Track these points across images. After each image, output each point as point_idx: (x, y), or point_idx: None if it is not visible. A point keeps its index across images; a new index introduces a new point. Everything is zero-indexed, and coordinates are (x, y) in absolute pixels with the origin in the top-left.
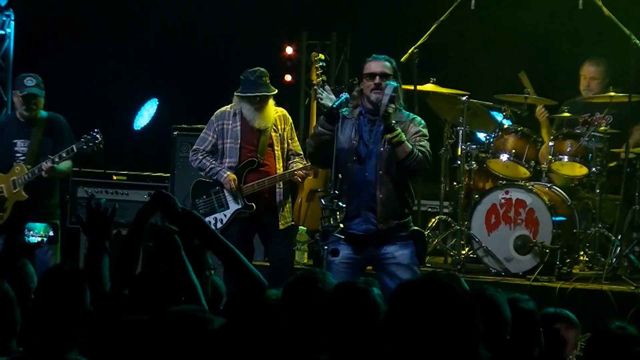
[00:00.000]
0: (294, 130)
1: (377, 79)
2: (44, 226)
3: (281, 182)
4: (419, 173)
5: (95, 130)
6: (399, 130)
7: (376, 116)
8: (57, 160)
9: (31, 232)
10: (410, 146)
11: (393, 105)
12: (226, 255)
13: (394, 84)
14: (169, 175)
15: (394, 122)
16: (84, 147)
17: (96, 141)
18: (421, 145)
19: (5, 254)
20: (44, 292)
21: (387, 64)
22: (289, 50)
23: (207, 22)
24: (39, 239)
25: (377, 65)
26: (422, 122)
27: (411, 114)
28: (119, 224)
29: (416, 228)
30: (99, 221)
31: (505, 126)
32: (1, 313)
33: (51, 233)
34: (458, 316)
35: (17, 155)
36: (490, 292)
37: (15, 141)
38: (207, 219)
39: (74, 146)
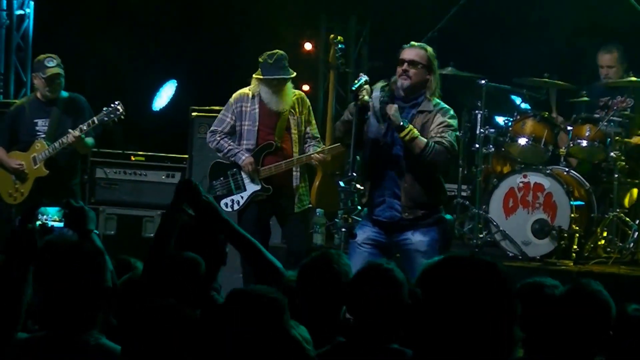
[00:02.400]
0: (311, 113)
1: (405, 66)
2: (56, 210)
3: (298, 165)
4: (437, 164)
5: (116, 101)
6: (410, 127)
7: (407, 103)
8: (77, 133)
9: (44, 217)
10: (424, 140)
11: (392, 107)
12: (243, 244)
13: (381, 83)
14: (186, 156)
15: (402, 120)
16: (105, 118)
17: (117, 112)
18: (441, 137)
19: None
20: (62, 271)
21: (421, 51)
22: (308, 46)
23: (226, 4)
24: (52, 223)
25: (409, 52)
26: (450, 112)
27: (441, 104)
28: (132, 204)
29: (441, 215)
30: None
31: (524, 110)
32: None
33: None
34: (497, 294)
35: (38, 134)
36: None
37: (36, 120)
38: (224, 201)
39: (95, 118)
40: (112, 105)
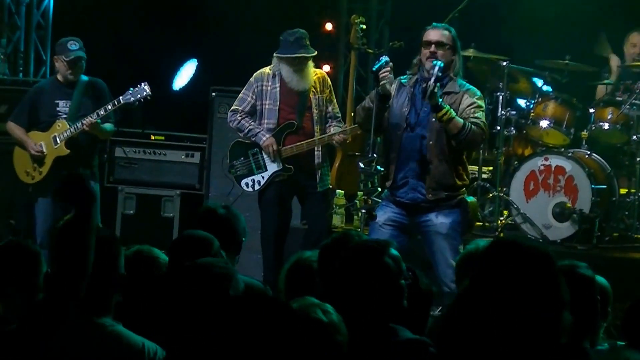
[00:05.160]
0: (333, 92)
1: (432, 47)
2: None
3: (320, 145)
4: (475, 145)
5: (143, 82)
6: (447, 107)
7: None
8: (102, 113)
9: None
10: (462, 121)
11: (437, 86)
12: None
13: (441, 63)
14: (206, 136)
15: (440, 100)
16: (131, 98)
17: (144, 93)
18: (475, 117)
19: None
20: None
21: (446, 32)
22: (329, 26)
23: None
24: None
25: (435, 33)
26: (478, 93)
27: (466, 85)
28: (152, 183)
29: (464, 197)
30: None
31: (546, 92)
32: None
33: None
34: (545, 283)
35: (59, 114)
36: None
37: (57, 101)
38: (244, 181)
39: (120, 98)
40: (139, 85)
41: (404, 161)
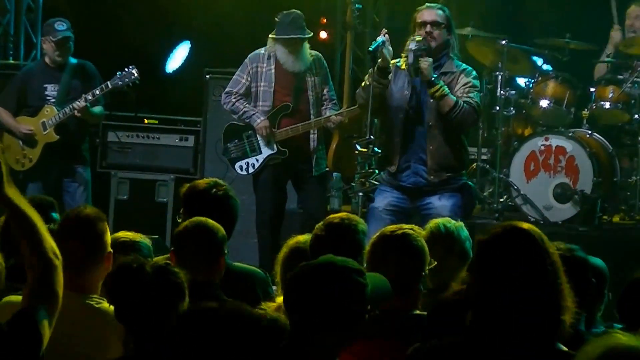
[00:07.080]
0: (329, 74)
1: (428, 28)
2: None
3: (315, 128)
4: (465, 125)
5: (131, 66)
6: (441, 83)
7: None
8: (90, 98)
9: None
10: (454, 98)
11: (427, 60)
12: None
13: (418, 37)
14: (200, 119)
15: (434, 76)
16: (119, 83)
17: (132, 77)
18: (469, 97)
19: None
20: (65, 234)
21: (440, 12)
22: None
23: None
24: None
25: (429, 13)
26: (474, 73)
27: (463, 65)
28: (145, 167)
29: (466, 181)
30: None
31: (546, 71)
32: None
33: None
34: (538, 269)
35: (48, 98)
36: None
37: (45, 85)
38: (238, 164)
39: (108, 82)
40: (127, 69)
41: (406, 145)
